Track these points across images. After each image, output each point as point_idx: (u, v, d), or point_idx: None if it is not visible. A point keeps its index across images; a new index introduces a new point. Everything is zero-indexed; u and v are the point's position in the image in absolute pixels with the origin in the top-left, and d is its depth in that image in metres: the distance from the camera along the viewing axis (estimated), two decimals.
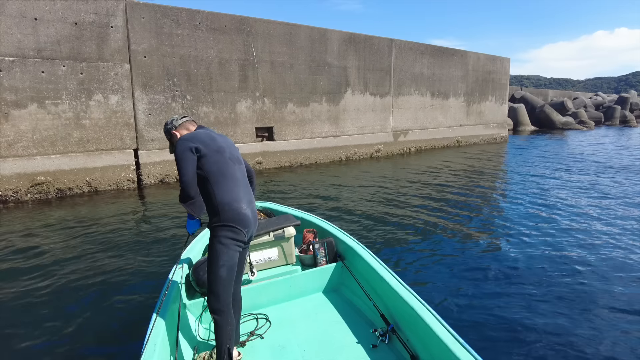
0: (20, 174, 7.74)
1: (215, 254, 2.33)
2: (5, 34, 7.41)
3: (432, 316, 2.41)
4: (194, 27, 9.57)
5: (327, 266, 3.51)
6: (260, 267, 3.54)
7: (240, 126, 10.67)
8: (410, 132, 15.33)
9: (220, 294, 2.33)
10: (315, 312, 3.17)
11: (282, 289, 3.30)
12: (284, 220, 3.69)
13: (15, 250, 5.11)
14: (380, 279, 2.97)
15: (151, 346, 2.18)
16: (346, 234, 3.76)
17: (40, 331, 3.32)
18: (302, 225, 4.10)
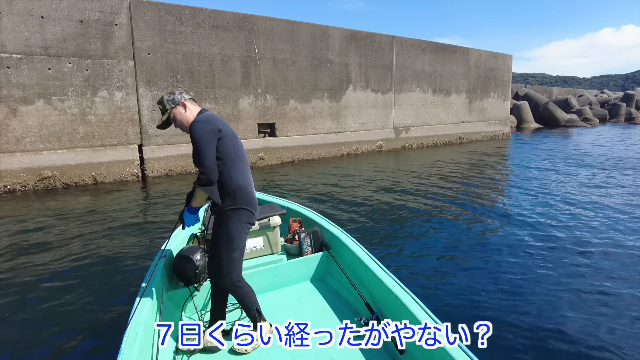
0: (28, 168, 7.94)
1: (231, 237, 2.36)
2: (13, 32, 7.60)
3: (416, 304, 2.44)
4: (197, 25, 9.73)
5: (312, 255, 3.51)
6: (245, 256, 3.37)
7: (242, 122, 10.83)
8: (412, 128, 15.42)
9: (232, 274, 2.40)
10: (301, 301, 3.18)
11: (268, 278, 3.30)
12: (269, 209, 3.67)
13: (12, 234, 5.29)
14: (366, 268, 2.99)
15: (132, 335, 2.16)
16: (332, 224, 3.77)
17: (22, 315, 3.45)
18: (288, 214, 4.06)
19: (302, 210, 4.18)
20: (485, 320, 3.21)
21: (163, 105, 2.45)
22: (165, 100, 2.45)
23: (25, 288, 3.93)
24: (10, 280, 4.09)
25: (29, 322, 3.33)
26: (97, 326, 3.23)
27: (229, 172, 2.34)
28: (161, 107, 2.47)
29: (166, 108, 2.43)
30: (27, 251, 4.90)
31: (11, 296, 3.77)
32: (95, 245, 5.04)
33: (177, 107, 2.43)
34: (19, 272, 4.29)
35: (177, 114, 2.43)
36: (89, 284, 3.97)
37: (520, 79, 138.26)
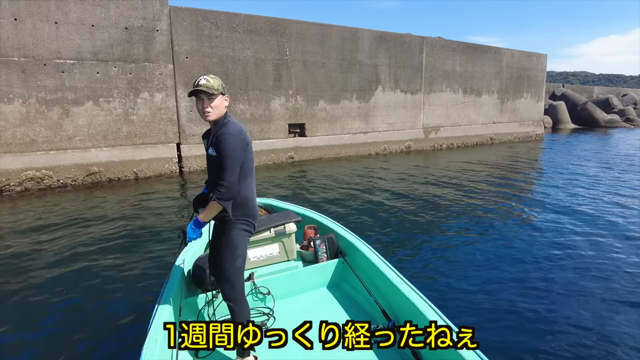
0: (78, 164, 8.64)
1: (234, 246, 2.38)
2: (67, 40, 8.30)
3: (434, 312, 2.42)
4: (232, 29, 10.22)
5: (328, 262, 3.53)
6: (261, 263, 3.53)
7: (274, 123, 11.25)
8: (441, 129, 15.44)
9: (235, 283, 2.42)
10: (317, 307, 3.19)
11: (284, 285, 3.31)
12: (284, 216, 3.68)
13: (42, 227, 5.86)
14: (382, 275, 2.98)
15: (152, 342, 2.20)
16: (347, 230, 3.78)
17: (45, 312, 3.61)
18: (303, 221, 4.03)
19: (317, 217, 4.20)
20: (509, 331, 3.21)
21: (215, 84, 2.34)
22: (219, 83, 2.37)
23: (48, 287, 4.06)
24: (36, 279, 4.24)
25: (51, 324, 3.41)
26: (118, 331, 3.29)
27: (240, 184, 2.34)
28: (210, 82, 2.32)
29: (217, 88, 2.33)
30: (58, 245, 5.30)
31: (33, 295, 3.91)
32: (124, 243, 5.30)
33: (223, 96, 2.40)
34: (46, 268, 4.48)
35: (219, 100, 2.37)
36: (113, 287, 4.07)
37: (560, 77, 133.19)
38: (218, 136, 2.29)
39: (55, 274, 4.36)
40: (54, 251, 5.01)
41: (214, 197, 2.26)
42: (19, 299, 3.84)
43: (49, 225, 6.04)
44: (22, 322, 3.46)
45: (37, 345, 3.14)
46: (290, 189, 8.51)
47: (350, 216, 6.47)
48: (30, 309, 3.68)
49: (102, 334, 3.27)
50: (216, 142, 2.28)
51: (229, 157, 2.23)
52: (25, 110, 8.10)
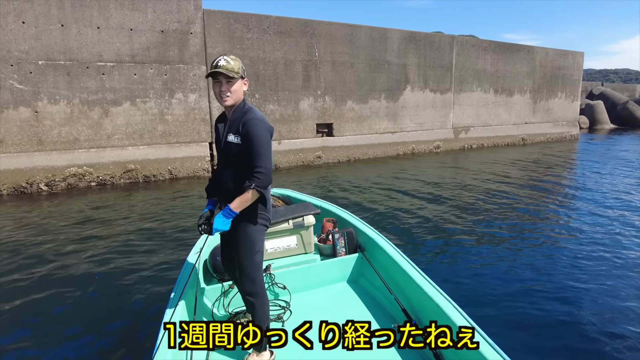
0: (116, 162, 9.07)
1: (253, 241, 2.33)
2: (108, 43, 8.73)
3: (457, 312, 2.36)
4: (263, 31, 10.46)
5: (346, 257, 3.46)
6: (278, 255, 3.50)
7: (302, 122, 11.44)
8: (471, 129, 15.25)
9: (256, 278, 2.37)
10: (334, 302, 3.12)
11: (301, 278, 3.26)
12: (303, 208, 3.63)
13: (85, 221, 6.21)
14: (403, 273, 2.90)
15: (168, 330, 2.21)
16: (367, 225, 3.70)
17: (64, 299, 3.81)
18: (322, 214, 3.95)
19: (336, 210, 4.14)
20: (532, 334, 3.13)
21: (235, 66, 2.22)
22: (240, 65, 2.26)
23: (70, 280, 4.22)
24: (57, 274, 4.41)
25: (66, 316, 3.52)
26: (132, 322, 3.34)
27: None
28: (231, 63, 2.20)
29: (237, 71, 2.22)
30: (85, 241, 5.58)
31: (52, 288, 4.06)
32: (149, 238, 5.53)
33: (243, 79, 2.29)
34: (68, 264, 4.68)
35: (239, 84, 2.26)
36: (131, 278, 4.22)
37: (599, 75, 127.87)
38: (246, 122, 2.17)
39: (83, 268, 4.66)
40: (86, 244, 5.34)
41: (253, 185, 2.16)
42: (53, 287, 4.15)
43: (84, 218, 6.42)
44: (48, 310, 3.65)
45: (47, 340, 3.19)
46: (316, 187, 8.66)
47: (373, 215, 6.53)
48: (58, 296, 3.92)
49: (118, 326, 3.30)
50: (245, 128, 2.16)
51: (263, 143, 2.15)
52: (70, 111, 8.58)
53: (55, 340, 3.20)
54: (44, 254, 4.99)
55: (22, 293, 4.00)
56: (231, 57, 2.22)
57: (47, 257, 4.89)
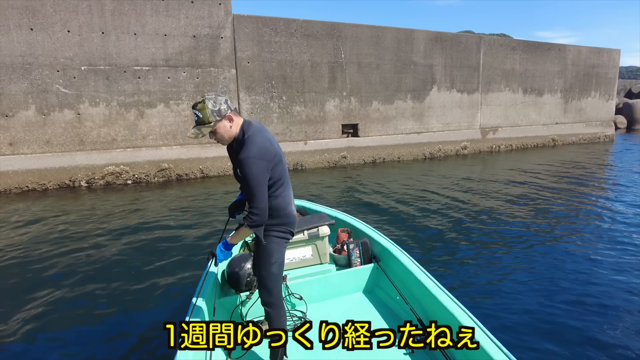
0: (150, 161, 9.54)
1: (269, 252, 2.37)
2: (144, 49, 9.21)
3: (473, 323, 2.36)
4: (290, 35, 10.74)
5: (362, 267, 3.48)
6: (294, 266, 3.54)
7: (328, 123, 11.65)
8: (499, 129, 15.07)
9: (272, 289, 2.41)
10: (350, 313, 3.14)
11: (317, 288, 3.28)
12: (318, 219, 3.65)
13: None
14: (418, 283, 2.91)
15: None
16: (382, 235, 3.70)
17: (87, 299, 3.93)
18: (336, 224, 3.99)
19: (351, 220, 4.15)
20: (552, 348, 3.02)
21: (204, 116, 2.12)
22: (209, 112, 2.12)
23: (88, 283, 4.31)
24: (77, 273, 4.53)
25: (84, 322, 3.57)
26: (154, 330, 3.38)
27: (270, 196, 2.29)
28: (200, 116, 2.13)
29: (209, 120, 2.13)
30: (113, 240, 5.79)
31: (74, 289, 4.16)
32: (172, 238, 5.71)
33: (222, 121, 2.17)
34: (92, 262, 4.83)
35: (220, 128, 2.17)
36: (150, 283, 4.27)
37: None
38: (239, 161, 2.12)
39: (112, 260, 5.00)
40: (119, 239, 5.71)
41: (246, 224, 2.21)
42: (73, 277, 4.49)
43: (116, 214, 6.83)
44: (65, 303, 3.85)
45: (67, 344, 3.25)
46: (338, 188, 8.84)
47: (393, 220, 6.53)
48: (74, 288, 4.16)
49: (137, 332, 3.36)
50: (239, 165, 2.14)
51: (253, 182, 2.12)
52: (108, 113, 9.09)
53: (70, 337, 3.34)
54: (76, 245, 5.39)
55: (50, 284, 4.35)
56: (198, 107, 2.13)
57: (75, 247, 5.29)
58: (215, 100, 2.15)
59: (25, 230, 6.07)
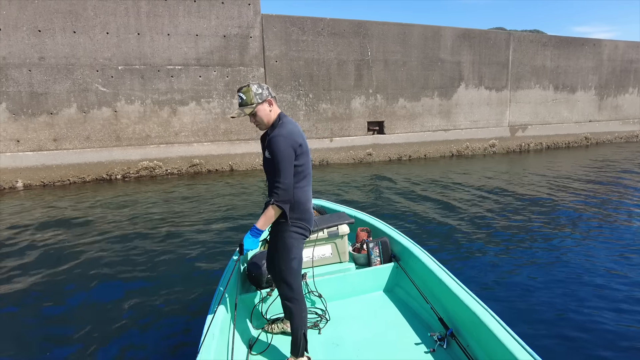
0: (183, 156, 9.93)
1: (288, 248, 2.40)
2: (176, 49, 9.59)
3: (496, 322, 2.31)
4: (317, 33, 10.92)
5: (381, 266, 3.47)
6: (314, 264, 3.55)
7: (353, 121, 11.77)
8: (529, 127, 14.79)
9: (293, 284, 2.44)
10: (370, 312, 3.13)
11: (336, 287, 3.30)
12: (337, 217, 3.65)
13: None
14: (439, 282, 2.89)
15: (210, 336, 2.30)
16: (402, 234, 3.69)
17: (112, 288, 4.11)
18: (356, 223, 4.00)
19: (370, 219, 4.16)
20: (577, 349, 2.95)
21: (248, 98, 2.33)
22: (253, 94, 2.33)
23: (118, 278, 4.42)
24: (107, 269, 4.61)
25: (113, 314, 3.65)
26: (176, 325, 3.48)
27: (294, 188, 2.35)
28: (244, 98, 2.34)
29: (252, 102, 2.33)
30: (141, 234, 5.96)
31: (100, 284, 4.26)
32: (199, 232, 5.86)
33: (263, 104, 2.36)
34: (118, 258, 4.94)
35: (260, 110, 2.36)
36: (176, 279, 4.35)
37: None
38: (271, 138, 2.28)
39: (143, 247, 5.29)
40: (142, 232, 6.02)
41: (272, 201, 2.27)
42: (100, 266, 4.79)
43: (147, 207, 7.18)
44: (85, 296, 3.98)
45: (93, 338, 3.33)
46: (362, 186, 8.96)
47: (415, 219, 6.55)
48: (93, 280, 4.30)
49: (161, 327, 3.43)
50: (268, 144, 2.28)
51: (281, 159, 2.23)
52: (143, 110, 9.53)
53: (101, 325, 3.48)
54: (118, 232, 5.74)
55: (85, 267, 4.68)
56: (244, 90, 2.34)
57: (116, 235, 5.63)
58: (259, 85, 2.36)
59: (81, 214, 6.50)
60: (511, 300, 3.80)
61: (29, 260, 4.89)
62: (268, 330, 2.87)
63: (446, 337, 2.58)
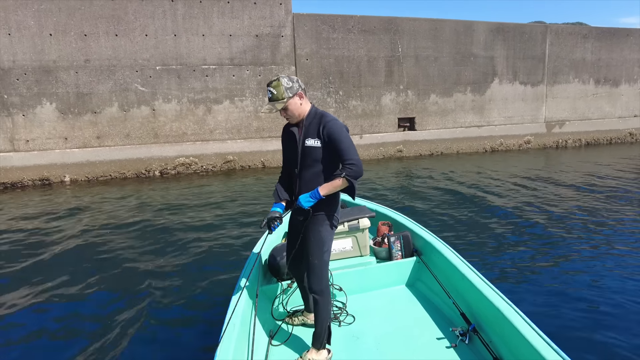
0: (217, 153, 10.27)
1: (323, 241, 2.42)
2: (211, 49, 9.94)
3: (520, 318, 2.28)
4: (347, 31, 11.01)
5: (403, 260, 3.44)
6: (334, 257, 3.53)
7: (384, 117, 11.78)
8: (567, 123, 14.31)
9: (323, 277, 2.45)
10: (391, 306, 3.12)
11: (357, 280, 3.29)
12: (358, 211, 3.65)
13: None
14: (461, 276, 2.86)
15: (231, 326, 2.33)
16: (423, 228, 3.67)
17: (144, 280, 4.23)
18: (377, 217, 4.00)
19: (391, 213, 4.14)
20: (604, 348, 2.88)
21: (278, 93, 2.31)
22: (283, 88, 2.30)
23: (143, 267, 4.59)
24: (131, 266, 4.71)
25: (137, 302, 3.77)
26: (199, 316, 3.57)
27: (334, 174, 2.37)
28: (274, 93, 2.32)
29: (282, 97, 2.31)
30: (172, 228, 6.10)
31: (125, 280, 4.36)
32: (225, 227, 5.93)
33: (294, 97, 2.35)
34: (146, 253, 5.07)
35: (291, 104, 2.35)
36: (200, 271, 4.48)
37: None
38: (325, 124, 2.30)
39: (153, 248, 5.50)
40: (174, 226, 6.30)
41: (344, 174, 2.27)
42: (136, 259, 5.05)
43: (181, 202, 7.49)
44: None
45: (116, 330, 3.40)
46: (391, 182, 8.98)
47: (442, 215, 6.48)
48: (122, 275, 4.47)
49: (184, 317, 3.53)
50: (325, 130, 2.29)
51: (346, 138, 2.29)
52: (179, 109, 9.92)
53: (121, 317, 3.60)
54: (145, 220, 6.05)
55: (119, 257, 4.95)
56: (274, 84, 2.32)
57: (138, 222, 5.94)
58: (289, 78, 2.35)
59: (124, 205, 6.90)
60: (538, 296, 3.70)
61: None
62: (288, 322, 2.89)
63: (468, 333, 2.55)
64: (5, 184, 8.96)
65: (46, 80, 9.06)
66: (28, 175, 9.12)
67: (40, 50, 8.92)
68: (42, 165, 9.21)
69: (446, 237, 5.06)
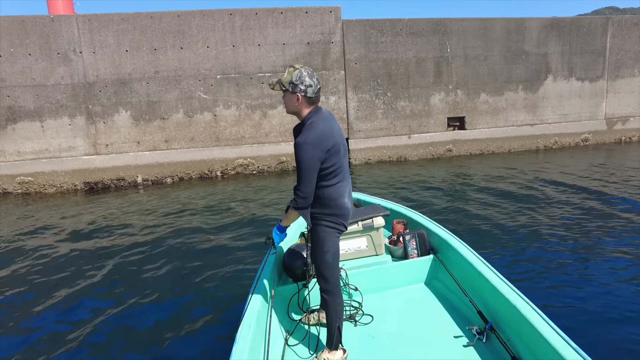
0: (272, 155, 10.98)
1: (320, 241, 2.45)
2: (266, 58, 10.65)
3: (538, 316, 2.26)
4: (395, 34, 11.30)
5: (419, 259, 3.42)
6: (349, 257, 3.53)
7: (432, 117, 11.94)
8: (631, 119, 13.63)
9: (328, 277, 2.47)
10: (406, 305, 3.11)
11: (372, 280, 3.28)
12: (372, 210, 3.62)
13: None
14: (479, 275, 2.83)
15: (246, 326, 2.34)
16: (439, 226, 3.63)
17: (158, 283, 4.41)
18: (392, 216, 3.99)
19: (406, 211, 4.11)
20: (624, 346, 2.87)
21: (285, 79, 2.34)
22: (290, 78, 2.32)
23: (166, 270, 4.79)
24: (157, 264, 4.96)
25: (151, 305, 3.88)
26: (215, 316, 3.63)
27: (323, 186, 2.36)
28: (284, 76, 2.35)
29: (283, 85, 2.35)
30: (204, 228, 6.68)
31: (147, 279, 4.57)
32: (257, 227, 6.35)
33: (292, 94, 2.34)
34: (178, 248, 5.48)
35: (287, 97, 2.38)
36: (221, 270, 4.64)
37: None
38: (294, 144, 2.24)
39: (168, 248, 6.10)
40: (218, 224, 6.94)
41: (291, 206, 2.35)
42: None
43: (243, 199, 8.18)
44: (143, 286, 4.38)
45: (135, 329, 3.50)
46: (439, 181, 9.19)
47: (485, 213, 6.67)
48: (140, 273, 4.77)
49: (200, 318, 3.60)
50: (294, 149, 2.26)
51: (303, 168, 2.22)
52: (238, 114, 10.73)
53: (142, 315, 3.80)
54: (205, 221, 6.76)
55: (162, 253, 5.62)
56: (289, 70, 2.34)
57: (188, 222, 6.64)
58: (300, 76, 2.30)
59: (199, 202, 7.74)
60: (556, 294, 3.69)
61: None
62: (304, 321, 2.93)
63: (485, 331, 2.52)
64: (90, 183, 10.20)
65: (122, 91, 10.19)
66: (107, 176, 10.31)
67: (118, 64, 10.05)
68: (119, 166, 10.37)
69: (482, 236, 5.29)
